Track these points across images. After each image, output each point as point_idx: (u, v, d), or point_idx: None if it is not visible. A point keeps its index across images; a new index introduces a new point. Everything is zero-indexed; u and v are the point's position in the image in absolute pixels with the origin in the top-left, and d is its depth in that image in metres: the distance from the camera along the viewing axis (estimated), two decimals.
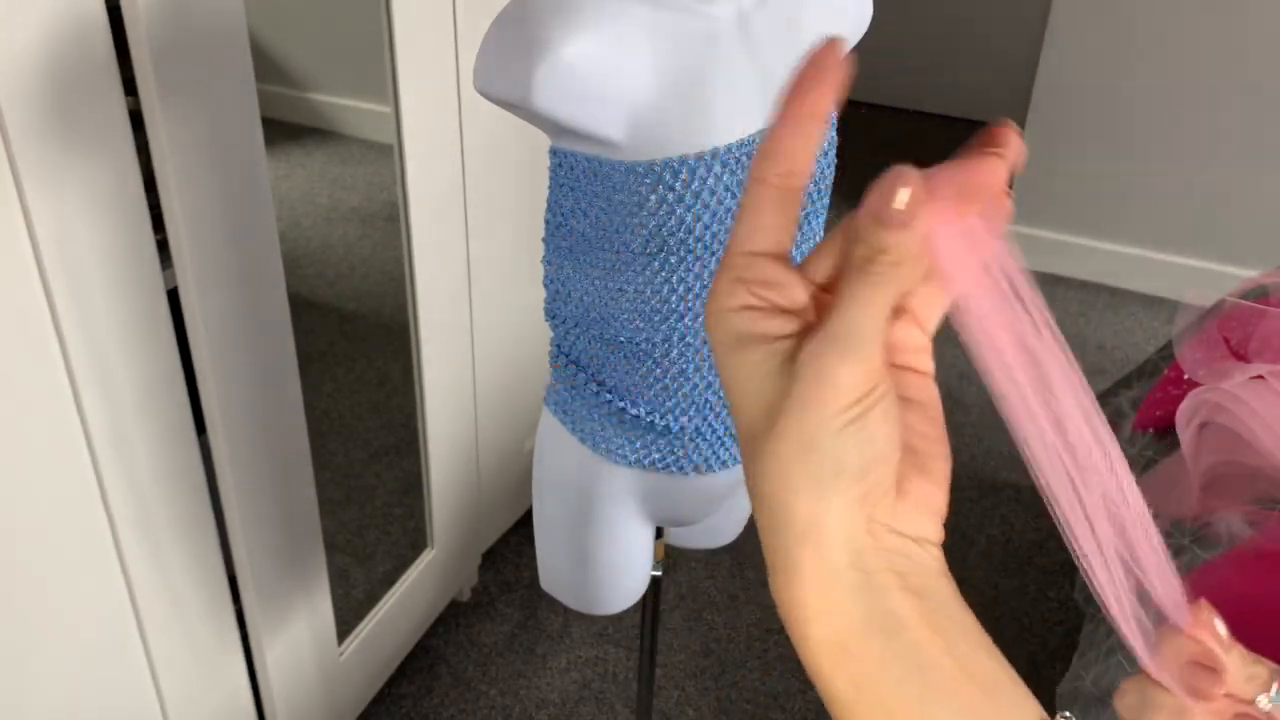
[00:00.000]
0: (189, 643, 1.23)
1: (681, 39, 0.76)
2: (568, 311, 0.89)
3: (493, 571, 2.00)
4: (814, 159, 0.36)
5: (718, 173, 0.78)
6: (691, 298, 0.83)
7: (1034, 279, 0.37)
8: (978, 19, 3.77)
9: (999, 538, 2.11)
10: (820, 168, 0.85)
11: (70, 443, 1.00)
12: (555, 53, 0.71)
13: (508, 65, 0.73)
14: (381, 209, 1.69)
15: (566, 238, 0.85)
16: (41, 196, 0.90)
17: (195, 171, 1.03)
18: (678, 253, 0.80)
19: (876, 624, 0.33)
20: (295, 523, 1.34)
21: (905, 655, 0.33)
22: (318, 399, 1.59)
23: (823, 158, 0.86)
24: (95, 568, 1.06)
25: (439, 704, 1.75)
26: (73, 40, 0.89)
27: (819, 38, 0.75)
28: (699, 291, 0.82)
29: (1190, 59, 2.65)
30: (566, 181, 0.82)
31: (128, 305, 1.02)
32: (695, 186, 0.78)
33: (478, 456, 1.79)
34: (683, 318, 0.84)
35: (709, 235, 0.80)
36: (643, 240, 0.80)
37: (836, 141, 0.88)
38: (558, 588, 1.09)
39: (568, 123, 0.75)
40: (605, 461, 0.94)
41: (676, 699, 1.77)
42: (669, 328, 0.84)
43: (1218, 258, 2.84)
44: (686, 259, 0.80)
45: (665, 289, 0.82)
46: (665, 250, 0.80)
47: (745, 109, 0.79)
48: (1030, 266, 0.37)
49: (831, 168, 0.88)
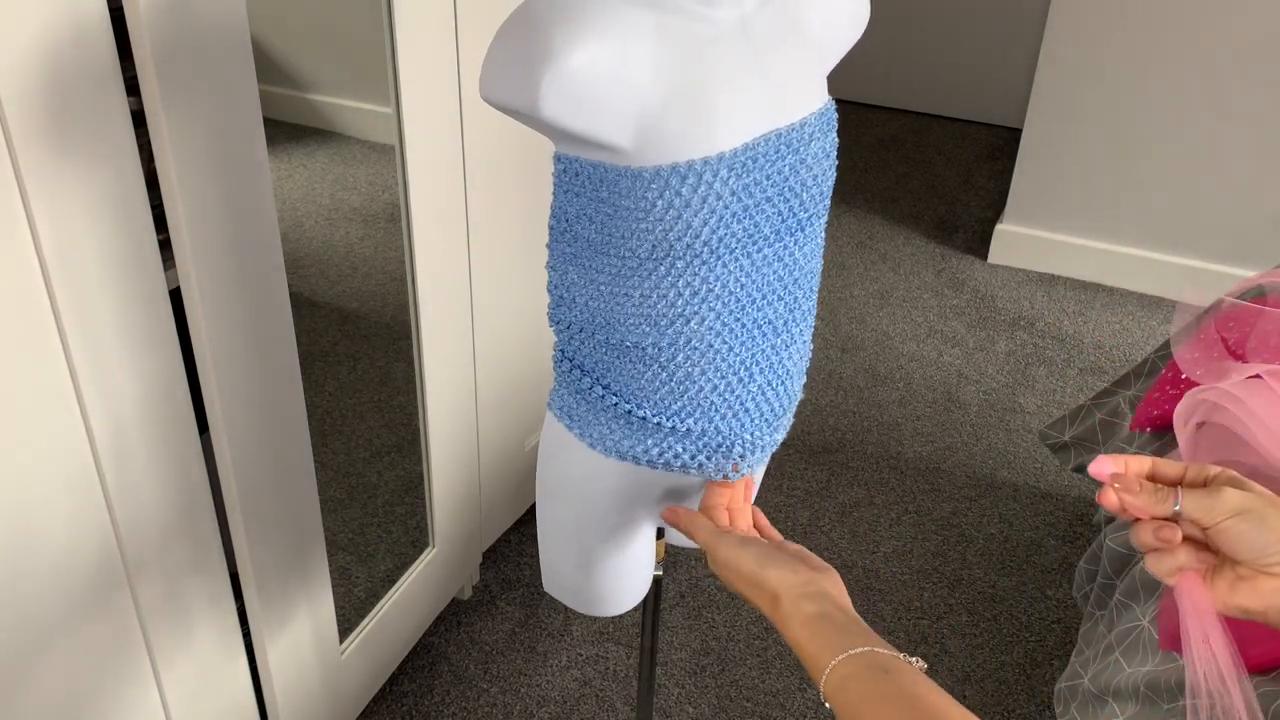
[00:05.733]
0: (191, 641, 1.23)
1: (685, 43, 0.76)
2: (572, 317, 0.90)
3: (494, 570, 2.00)
4: None
5: (724, 176, 0.78)
6: (698, 302, 0.83)
7: (1033, 278, 0.40)
8: (978, 19, 3.78)
9: (997, 536, 2.12)
10: (819, 171, 0.85)
11: (72, 442, 1.00)
12: (562, 61, 0.71)
13: (514, 74, 0.73)
14: (383, 209, 1.69)
15: (571, 243, 0.85)
16: (44, 196, 0.90)
17: (197, 172, 1.03)
18: (684, 257, 0.80)
19: None
20: (297, 521, 1.34)
21: None
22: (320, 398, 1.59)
23: (826, 160, 0.86)
24: (97, 567, 1.07)
25: (440, 702, 1.76)
26: (75, 40, 0.90)
27: (820, 39, 0.77)
28: (705, 295, 0.83)
29: (1190, 59, 2.65)
30: (572, 187, 0.82)
31: (130, 305, 1.02)
32: (702, 191, 0.78)
33: (479, 455, 1.79)
34: (689, 321, 0.84)
35: (715, 239, 0.80)
36: (649, 245, 0.80)
37: (837, 144, 0.89)
38: (561, 591, 1.10)
39: (575, 131, 0.75)
40: (610, 466, 0.94)
41: (676, 697, 1.78)
42: (675, 332, 0.84)
43: (1215, 258, 2.84)
44: (693, 263, 0.81)
45: (672, 293, 0.82)
46: (672, 255, 0.80)
47: (749, 112, 0.79)
48: (1030, 266, 0.38)
49: (832, 171, 0.88)
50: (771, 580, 0.75)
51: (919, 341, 2.72)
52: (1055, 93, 2.83)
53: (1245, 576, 0.64)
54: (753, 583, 0.76)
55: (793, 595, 0.73)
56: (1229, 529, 0.63)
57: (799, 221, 0.85)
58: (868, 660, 0.66)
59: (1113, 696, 1.23)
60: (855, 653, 0.67)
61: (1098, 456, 0.68)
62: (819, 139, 0.85)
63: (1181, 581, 0.66)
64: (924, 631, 1.91)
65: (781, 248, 0.85)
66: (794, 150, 0.82)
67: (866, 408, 2.48)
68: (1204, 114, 2.70)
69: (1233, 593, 0.65)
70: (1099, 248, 2.95)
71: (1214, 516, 0.63)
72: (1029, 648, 1.88)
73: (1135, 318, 2.84)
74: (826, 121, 0.86)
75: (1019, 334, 2.75)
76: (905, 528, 2.13)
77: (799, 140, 0.83)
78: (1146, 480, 0.67)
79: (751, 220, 0.82)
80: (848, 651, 0.67)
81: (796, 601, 0.73)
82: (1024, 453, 2.34)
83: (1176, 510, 0.65)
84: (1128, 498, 0.66)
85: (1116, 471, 0.67)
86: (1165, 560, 0.66)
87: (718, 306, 0.84)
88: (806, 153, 0.83)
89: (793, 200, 0.84)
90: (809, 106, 0.84)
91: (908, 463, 2.31)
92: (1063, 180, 2.92)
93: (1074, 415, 1.82)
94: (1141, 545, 0.67)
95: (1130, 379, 1.74)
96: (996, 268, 3.04)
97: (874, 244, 3.15)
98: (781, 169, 0.82)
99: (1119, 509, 0.67)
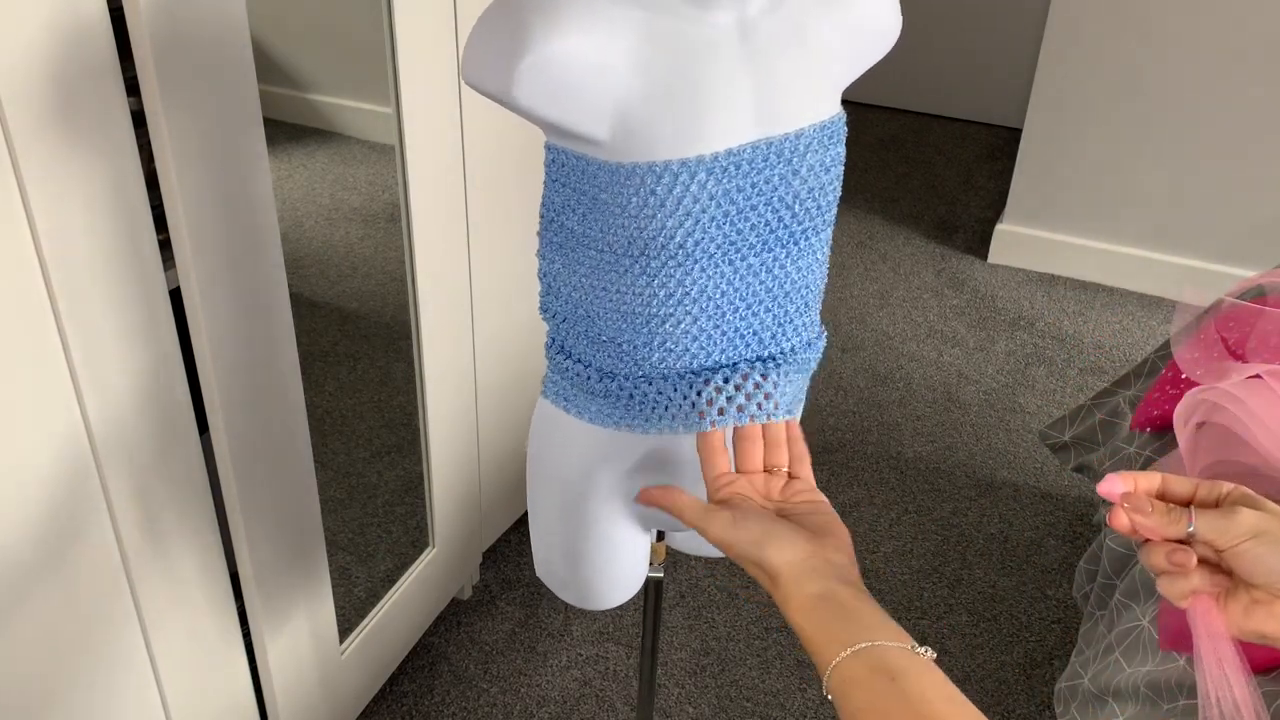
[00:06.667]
0: (191, 641, 1.23)
1: (674, 43, 0.76)
2: (558, 307, 0.90)
3: (494, 570, 2.00)
4: None
5: (702, 180, 0.77)
6: (673, 304, 0.82)
7: (1033, 278, 0.40)
8: (978, 19, 3.78)
9: (997, 536, 2.12)
10: (816, 184, 0.84)
11: (72, 442, 1.00)
12: (537, 49, 0.72)
13: (491, 59, 0.74)
14: (383, 209, 1.69)
15: (558, 233, 0.85)
16: (44, 196, 0.90)
17: (197, 172, 1.03)
18: (659, 257, 0.80)
19: None
20: (297, 521, 1.34)
21: None
22: (319, 398, 1.59)
23: (825, 173, 0.84)
24: (98, 567, 1.07)
25: (440, 702, 1.76)
26: (75, 40, 0.90)
27: (833, 49, 0.76)
28: (680, 298, 0.82)
29: (1190, 59, 2.65)
30: (559, 177, 0.83)
31: (130, 305, 1.02)
32: (678, 192, 0.77)
33: (479, 455, 1.79)
34: (664, 323, 0.83)
35: (691, 243, 0.79)
36: (625, 242, 0.80)
37: (843, 157, 0.87)
38: (550, 578, 1.10)
39: (550, 119, 0.76)
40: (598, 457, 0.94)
41: (676, 697, 1.78)
42: (650, 332, 0.84)
43: (1215, 258, 2.84)
44: (668, 264, 0.80)
45: (647, 293, 0.82)
46: (647, 254, 0.80)
47: (738, 119, 0.78)
48: (1030, 266, 0.39)
49: (834, 185, 0.86)
50: (769, 559, 0.70)
51: (919, 341, 2.72)
52: (1055, 93, 2.83)
53: (1261, 601, 0.62)
54: (750, 562, 0.72)
55: (792, 574, 0.69)
56: (1245, 552, 0.61)
57: (791, 234, 0.83)
58: (871, 662, 0.63)
59: (1113, 696, 1.23)
60: (859, 649, 0.63)
61: (1106, 475, 0.65)
62: (817, 151, 0.82)
63: (1195, 604, 0.63)
64: (924, 631, 1.91)
65: (770, 258, 0.83)
66: (785, 160, 0.80)
67: (866, 408, 2.48)
68: (1204, 114, 2.70)
69: (1248, 617, 0.62)
70: (1099, 248, 2.95)
71: (1230, 539, 0.61)
72: (1029, 648, 1.88)
73: (1135, 318, 2.84)
74: (829, 134, 0.83)
75: (1019, 334, 2.75)
76: (905, 528, 2.13)
77: (791, 150, 0.80)
78: (1158, 500, 0.64)
79: (734, 227, 0.80)
80: (851, 647, 0.63)
81: (797, 581, 0.68)
82: (1024, 453, 2.34)
83: (1190, 532, 0.62)
84: (1139, 519, 0.63)
85: (1127, 491, 0.64)
86: (1178, 583, 0.64)
87: (694, 311, 0.83)
88: (801, 164, 0.81)
89: (783, 211, 0.82)
90: (809, 117, 0.82)
91: (908, 463, 2.31)
92: (1063, 180, 2.92)
93: (1074, 415, 1.82)
94: (1153, 568, 0.64)
95: (1130, 379, 1.74)
96: (996, 268, 3.04)
97: (874, 244, 3.15)
98: (770, 178, 0.80)
99: (1129, 530, 0.64)
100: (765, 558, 0.71)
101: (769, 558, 0.71)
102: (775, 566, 0.70)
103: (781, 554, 0.70)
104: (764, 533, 0.72)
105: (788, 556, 0.70)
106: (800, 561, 0.70)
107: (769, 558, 0.71)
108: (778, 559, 0.70)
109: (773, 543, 0.71)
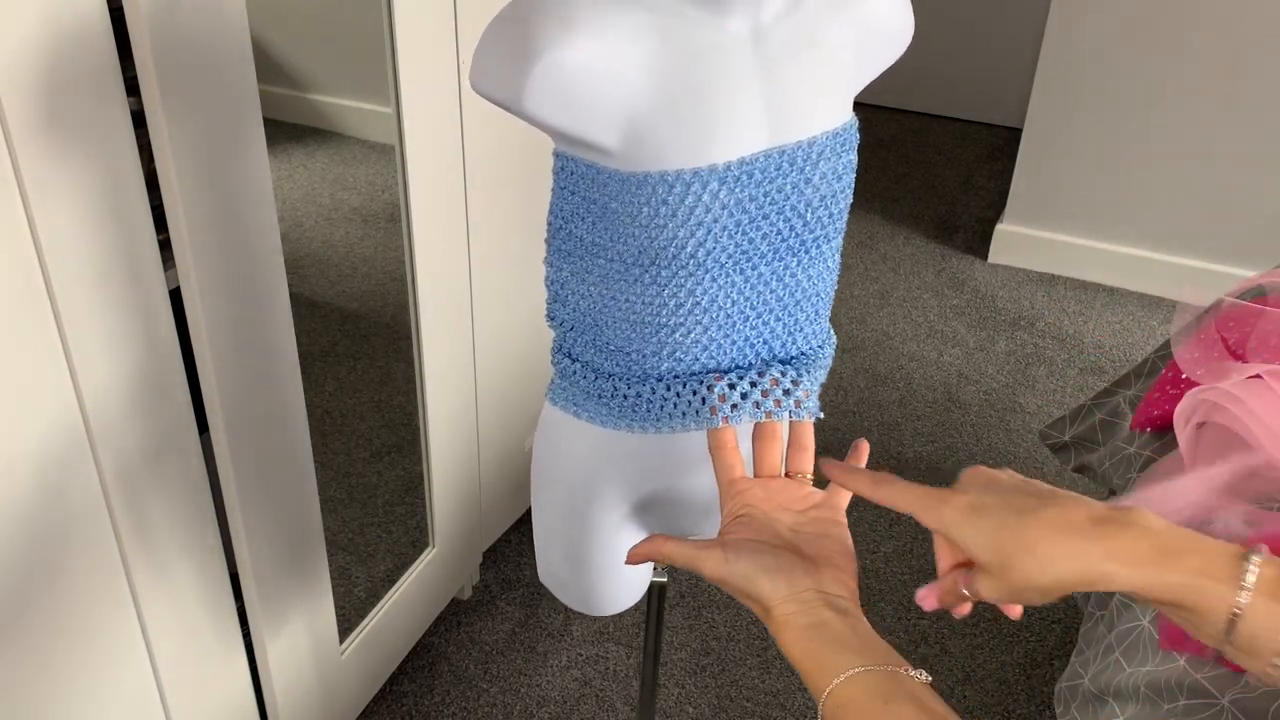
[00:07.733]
0: (191, 641, 1.23)
1: (686, 51, 0.75)
2: (566, 315, 0.89)
3: (494, 570, 2.00)
4: None
5: (714, 189, 0.76)
6: (684, 314, 0.81)
7: (1033, 278, 0.40)
8: (978, 19, 3.78)
9: None
10: (828, 192, 0.83)
11: (72, 442, 1.00)
12: (547, 57, 0.71)
13: (500, 66, 0.73)
14: (383, 209, 1.69)
15: (566, 241, 0.85)
16: (44, 196, 0.90)
17: (197, 172, 1.03)
18: (670, 267, 0.79)
19: None
20: (297, 521, 1.34)
21: None
22: (319, 398, 1.59)
23: (838, 181, 0.83)
24: (98, 567, 1.07)
25: (440, 702, 1.76)
26: (75, 40, 0.90)
27: (846, 55, 0.76)
28: (691, 308, 0.81)
29: (1189, 59, 2.65)
30: (568, 185, 0.82)
31: (129, 305, 1.02)
32: (690, 202, 0.76)
33: (479, 455, 1.79)
34: (674, 332, 0.83)
35: (703, 253, 0.78)
36: (636, 251, 0.79)
37: (855, 164, 0.85)
38: (551, 581, 1.09)
39: (559, 128, 0.75)
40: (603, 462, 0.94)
41: (676, 697, 1.78)
42: (659, 341, 0.83)
43: (1215, 258, 2.84)
44: (679, 274, 0.79)
45: (657, 302, 0.81)
46: (656, 264, 0.79)
47: (750, 127, 0.77)
48: (1030, 266, 0.39)
49: (846, 192, 0.85)
50: (761, 594, 0.71)
51: (919, 341, 2.72)
52: (1055, 93, 2.83)
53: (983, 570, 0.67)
54: (744, 596, 0.73)
55: (784, 607, 0.70)
56: (957, 540, 0.66)
57: (802, 242, 0.83)
58: (865, 687, 0.64)
59: (1113, 696, 1.23)
60: (852, 674, 0.64)
61: (918, 592, 0.71)
62: (830, 159, 0.81)
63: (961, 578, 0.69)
64: (924, 631, 1.91)
65: (781, 267, 0.83)
66: (798, 169, 0.79)
67: (866, 408, 2.48)
68: (1204, 114, 2.70)
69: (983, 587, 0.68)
70: (1099, 248, 2.95)
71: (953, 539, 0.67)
72: (1029, 648, 1.88)
73: (1135, 318, 2.84)
74: (841, 142, 0.82)
75: (1019, 334, 2.75)
76: (905, 528, 2.13)
77: (804, 159, 0.79)
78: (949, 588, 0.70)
79: (745, 237, 0.79)
80: (844, 674, 0.64)
81: (788, 613, 0.70)
82: (1024, 453, 2.34)
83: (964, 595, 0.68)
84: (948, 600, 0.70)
85: None
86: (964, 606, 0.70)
87: (705, 320, 0.82)
88: (813, 172, 0.80)
89: (794, 220, 0.81)
90: (822, 124, 0.80)
91: (908, 463, 2.31)
92: (1063, 180, 2.92)
93: (1074, 415, 1.82)
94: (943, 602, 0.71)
95: (1130, 379, 1.74)
96: (996, 268, 3.04)
97: (874, 244, 3.15)
98: (782, 187, 0.79)
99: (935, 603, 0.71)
100: (757, 592, 0.72)
101: (761, 593, 0.72)
102: (767, 600, 0.71)
103: (775, 588, 0.71)
104: (757, 568, 0.73)
105: (782, 591, 0.71)
106: (793, 596, 0.71)
107: (761, 593, 0.72)
108: (770, 593, 0.71)
109: (765, 577, 0.72)
